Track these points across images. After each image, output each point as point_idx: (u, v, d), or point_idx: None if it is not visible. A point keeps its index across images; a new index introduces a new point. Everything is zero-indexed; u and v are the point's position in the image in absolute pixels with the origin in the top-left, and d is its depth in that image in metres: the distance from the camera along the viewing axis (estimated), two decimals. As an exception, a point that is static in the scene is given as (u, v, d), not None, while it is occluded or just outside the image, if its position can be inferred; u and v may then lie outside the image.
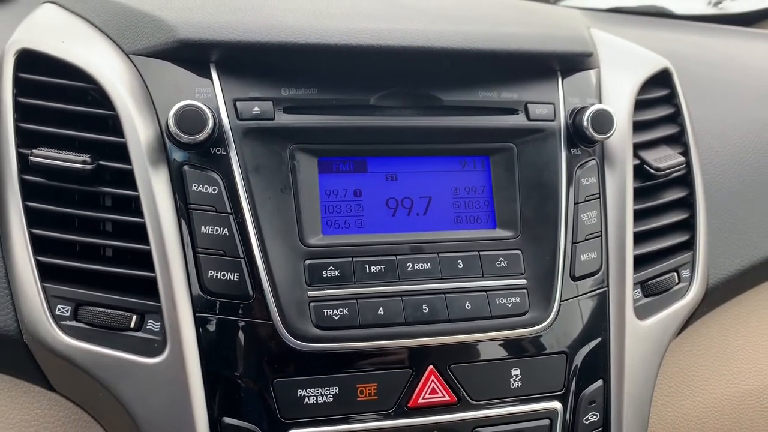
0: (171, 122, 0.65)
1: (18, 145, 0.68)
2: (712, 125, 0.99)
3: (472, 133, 0.76)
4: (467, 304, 0.72)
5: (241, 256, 0.67)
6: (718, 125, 1.00)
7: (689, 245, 0.86)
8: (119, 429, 0.70)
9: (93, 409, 0.71)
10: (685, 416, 0.91)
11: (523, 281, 0.74)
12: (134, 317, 0.67)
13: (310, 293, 0.69)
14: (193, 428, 0.65)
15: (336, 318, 0.69)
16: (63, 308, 0.67)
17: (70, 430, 0.72)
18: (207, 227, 0.68)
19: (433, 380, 0.70)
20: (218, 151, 0.68)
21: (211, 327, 0.67)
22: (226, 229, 0.68)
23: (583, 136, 0.77)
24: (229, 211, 0.68)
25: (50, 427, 0.72)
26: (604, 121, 0.76)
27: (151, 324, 0.67)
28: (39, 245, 0.67)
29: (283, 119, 0.70)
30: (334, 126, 0.72)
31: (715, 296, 0.91)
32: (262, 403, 0.66)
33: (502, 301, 0.73)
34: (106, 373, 0.66)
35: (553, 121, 0.77)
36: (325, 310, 0.69)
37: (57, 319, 0.66)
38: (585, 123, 0.76)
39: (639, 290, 0.82)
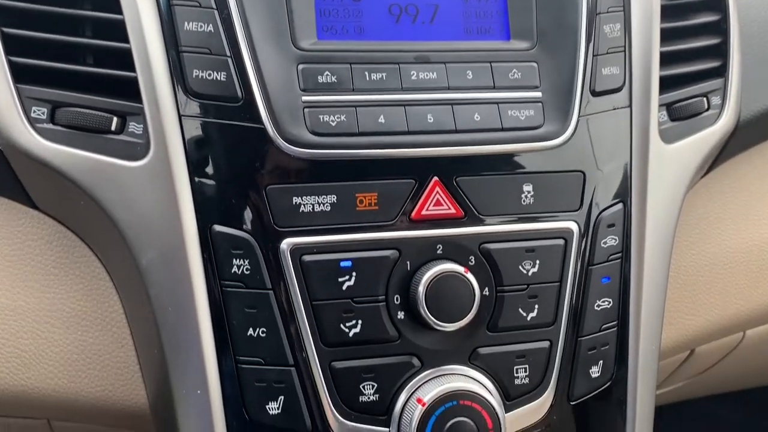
0: None
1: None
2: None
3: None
4: (476, 115, 0.66)
5: (228, 54, 0.62)
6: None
7: (721, 72, 0.78)
8: (104, 244, 0.67)
9: (77, 225, 0.68)
10: (709, 260, 0.86)
11: (539, 94, 0.68)
12: (115, 119, 0.62)
13: (305, 98, 0.63)
14: (181, 236, 0.61)
15: (333, 124, 0.63)
16: (39, 110, 0.62)
17: (54, 248, 0.69)
18: (190, 23, 0.62)
19: (437, 192, 0.65)
20: None
21: (198, 130, 0.61)
22: (210, 25, 0.62)
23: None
24: (214, 6, 0.63)
25: (34, 245, 0.68)
26: None
27: (133, 126, 0.62)
28: (12, 45, 0.61)
29: None
30: None
31: (747, 132, 0.84)
32: (254, 210, 0.62)
33: (514, 113, 0.67)
34: (86, 177, 0.61)
35: None
36: (321, 116, 0.63)
37: (33, 122, 0.61)
38: None
39: (665, 113, 0.75)
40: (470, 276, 0.63)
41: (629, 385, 0.71)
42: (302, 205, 0.63)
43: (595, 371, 0.70)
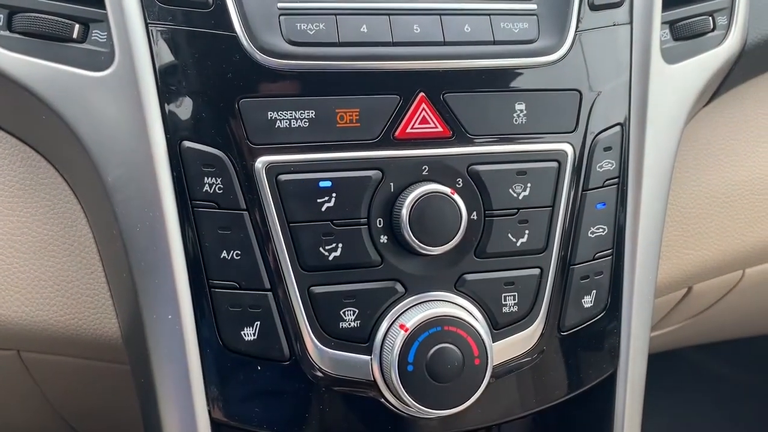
0: None
1: None
2: None
3: None
4: (466, 26, 0.62)
5: (198, -45, 0.59)
6: None
7: (728, -9, 0.76)
8: (69, 163, 0.63)
9: (39, 143, 0.63)
10: (709, 193, 0.83)
11: (534, 6, 0.63)
12: (77, 26, 0.57)
13: (281, 5, 0.58)
14: (148, 153, 0.57)
15: (311, 33, 0.59)
16: (-6, 15, 0.59)
17: (16, 169, 0.64)
18: None
19: (423, 108, 0.61)
20: None
21: (166, 38, 0.57)
22: (178, -77, 0.59)
23: None
24: None
25: (-6, 165, 0.65)
26: None
27: (97, 34, 0.57)
28: None
29: None
30: None
31: (754, 58, 0.80)
32: (226, 125, 0.57)
33: (507, 25, 0.63)
34: (46, 88, 0.57)
35: None
36: (298, 24, 0.59)
37: (-11, 29, 0.59)
38: None
39: (668, 31, 0.71)
40: (457, 197, 0.60)
41: (623, 317, 0.68)
42: (278, 121, 0.59)
43: (587, 301, 0.67)
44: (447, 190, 0.60)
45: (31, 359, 0.72)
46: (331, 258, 0.60)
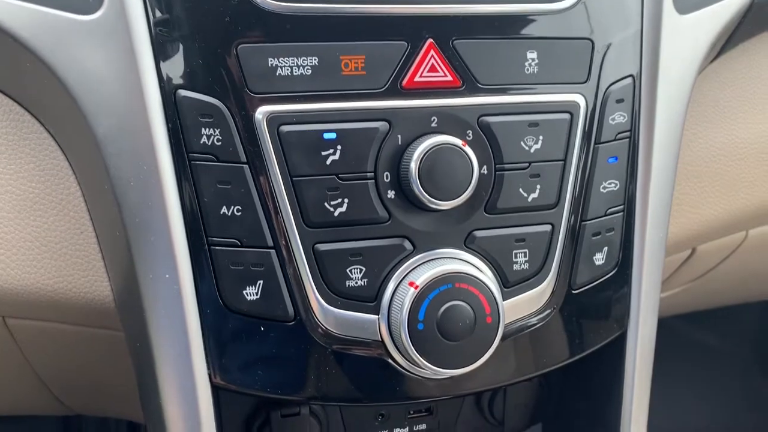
0: None
1: None
2: None
3: None
4: (475, -30, 0.61)
5: None
6: None
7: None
8: (56, 115, 0.59)
9: (23, 95, 0.60)
10: (717, 151, 0.81)
11: (545, -50, 0.62)
12: (61, -35, 0.55)
13: (281, -56, 0.57)
14: (142, 102, 0.54)
15: (314, -26, 0.57)
16: (-29, -46, 0.55)
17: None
18: None
19: (432, 56, 0.58)
20: None
21: (157, -20, 0.55)
22: None
23: None
24: None
25: (-24, 118, 0.62)
26: None
27: (83, -26, 0.56)
28: None
29: None
30: None
31: (765, 12, 0.79)
32: (224, 72, 0.54)
33: (518, -30, 0.62)
34: (30, 33, 0.53)
35: None
36: (299, -35, 0.57)
37: (-36, -31, 0.55)
38: None
39: (680, -20, 0.70)
40: (468, 149, 0.57)
41: (634, 275, 0.66)
42: (279, 68, 0.55)
43: (599, 258, 0.66)
44: (458, 141, 0.57)
45: (17, 326, 0.68)
46: (336, 214, 0.57)
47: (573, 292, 0.64)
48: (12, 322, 0.68)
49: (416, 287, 0.57)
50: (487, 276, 0.59)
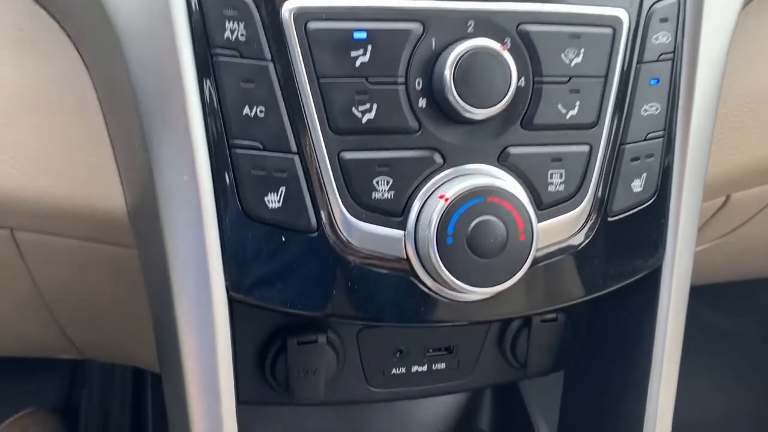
0: None
1: None
2: None
3: None
4: None
5: None
6: None
7: None
8: (71, 10, 0.56)
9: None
10: (758, 90, 0.76)
11: None
12: None
13: None
14: (163, -8, 0.52)
15: None
16: None
17: (12, 15, 0.58)
18: None
19: (471, -44, 0.57)
20: None
21: None
22: None
23: None
24: None
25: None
26: None
27: None
28: None
29: None
30: None
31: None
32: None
33: None
34: None
35: None
36: None
37: None
38: None
39: None
40: (507, 55, 0.54)
41: (672, 205, 0.63)
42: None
43: (636, 185, 0.62)
44: (497, 45, 0.54)
45: (26, 241, 0.66)
46: (364, 120, 0.54)
47: (609, 219, 0.61)
48: (21, 236, 0.65)
49: (446, 200, 0.54)
50: (521, 193, 0.57)
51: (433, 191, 0.55)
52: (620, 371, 0.73)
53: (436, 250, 0.54)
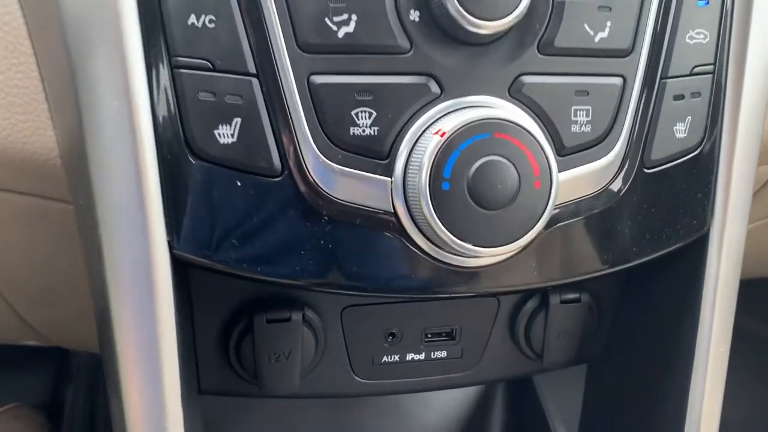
0: None
1: None
2: None
3: None
4: None
5: None
6: None
7: None
8: None
9: None
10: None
11: None
12: None
13: None
14: None
15: None
16: None
17: None
18: None
19: None
20: None
21: None
22: None
23: None
24: None
25: None
26: None
27: None
28: None
29: None
30: None
31: None
32: None
33: None
34: None
35: None
36: None
37: None
38: None
39: None
40: (519, -46, 0.44)
41: (722, 157, 0.52)
42: None
43: (679, 130, 0.51)
44: (505, -59, 0.45)
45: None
46: (341, 35, 0.42)
47: (645, 170, 0.49)
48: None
49: (442, 134, 0.44)
50: (536, 129, 0.45)
51: (427, 127, 0.44)
52: (655, 365, 0.61)
53: (428, 199, 0.43)
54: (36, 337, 0.86)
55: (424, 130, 0.44)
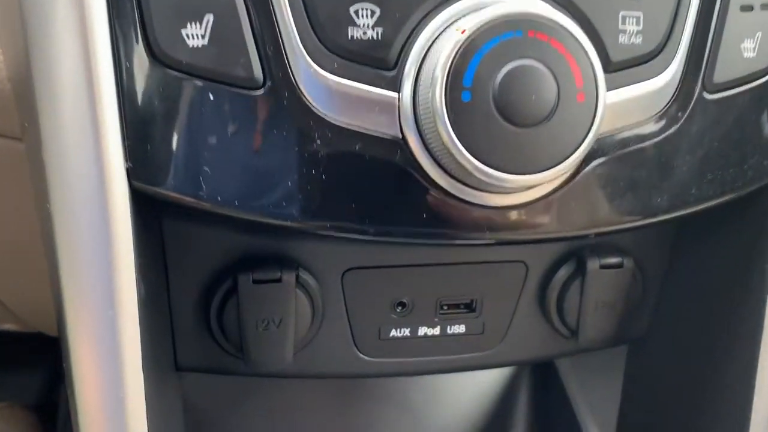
0: None
1: None
2: None
3: None
4: None
5: None
6: None
7: None
8: None
9: None
10: None
11: None
12: None
13: None
14: None
15: None
16: None
17: None
18: None
19: None
20: None
21: None
22: None
23: None
24: None
25: None
26: None
27: None
28: None
29: None
30: None
31: None
32: None
33: None
34: None
35: None
36: None
37: None
38: None
39: None
40: None
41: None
42: None
43: (748, 48, 0.43)
44: None
45: None
46: None
47: (707, 95, 0.41)
48: None
49: (463, 32, 0.36)
50: (578, 31, 0.37)
51: (444, 29, 0.37)
52: (710, 348, 0.53)
53: (444, 114, 0.34)
54: (15, 321, 0.80)
55: (440, 33, 0.36)
